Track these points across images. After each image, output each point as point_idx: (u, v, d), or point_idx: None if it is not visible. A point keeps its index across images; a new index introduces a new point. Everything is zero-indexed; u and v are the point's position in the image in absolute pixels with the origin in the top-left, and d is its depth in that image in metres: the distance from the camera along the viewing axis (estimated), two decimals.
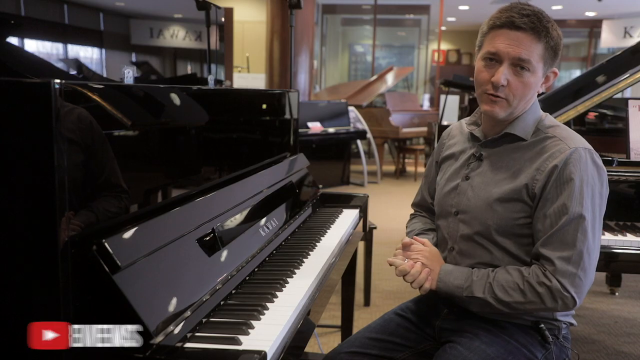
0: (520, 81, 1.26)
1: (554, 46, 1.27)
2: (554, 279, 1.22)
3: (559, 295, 1.22)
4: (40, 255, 0.87)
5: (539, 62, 1.26)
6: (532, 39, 1.23)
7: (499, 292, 1.26)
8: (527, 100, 1.31)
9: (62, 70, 1.51)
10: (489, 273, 1.29)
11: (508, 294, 1.25)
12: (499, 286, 1.26)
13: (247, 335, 1.06)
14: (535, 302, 1.24)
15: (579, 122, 3.06)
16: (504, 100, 1.27)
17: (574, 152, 1.25)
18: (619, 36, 11.15)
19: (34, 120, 0.85)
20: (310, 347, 2.47)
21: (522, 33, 1.23)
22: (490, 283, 1.27)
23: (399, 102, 8.13)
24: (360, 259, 3.01)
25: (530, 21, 1.22)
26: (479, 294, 1.28)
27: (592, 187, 1.25)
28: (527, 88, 1.27)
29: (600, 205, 1.27)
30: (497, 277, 1.27)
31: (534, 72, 1.26)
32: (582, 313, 3.05)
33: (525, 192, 1.28)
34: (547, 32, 1.24)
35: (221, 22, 2.18)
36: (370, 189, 6.73)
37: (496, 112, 1.29)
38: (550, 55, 1.27)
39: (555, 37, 1.26)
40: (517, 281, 1.25)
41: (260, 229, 1.53)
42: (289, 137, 2.22)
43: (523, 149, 1.32)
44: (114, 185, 1.05)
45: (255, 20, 8.96)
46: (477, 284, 1.28)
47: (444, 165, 1.49)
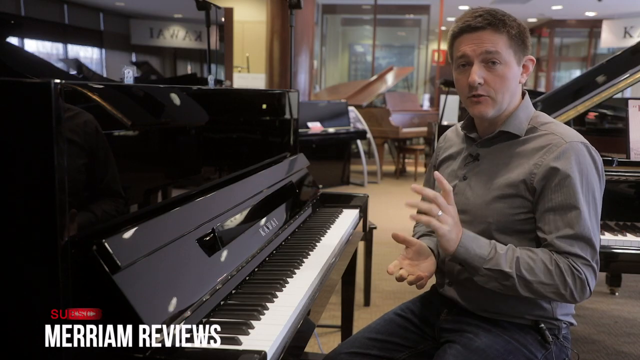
0: (496, 75, 1.28)
1: (517, 34, 1.28)
2: (583, 273, 1.22)
3: (583, 287, 1.23)
4: (40, 255, 0.87)
5: (507, 52, 1.27)
6: (492, 32, 1.26)
7: (524, 270, 1.21)
8: (513, 94, 1.32)
9: (62, 70, 1.51)
10: (512, 247, 1.25)
11: (534, 273, 1.21)
12: (524, 263, 1.22)
13: (247, 335, 1.05)
14: (559, 287, 1.21)
15: (579, 122, 3.06)
16: (487, 97, 1.29)
17: (571, 146, 1.26)
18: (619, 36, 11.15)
19: (34, 120, 0.85)
20: (310, 347, 2.47)
21: (481, 31, 1.27)
22: (517, 258, 1.22)
23: (399, 102, 8.13)
24: (360, 259, 3.01)
25: (484, 19, 1.26)
26: (506, 267, 1.21)
27: (591, 180, 1.26)
28: (504, 80, 1.28)
29: (600, 198, 1.29)
30: (522, 254, 1.23)
31: (506, 63, 1.27)
32: (582, 313, 3.05)
33: (524, 186, 1.28)
34: (504, 23, 1.26)
35: (221, 22, 2.18)
36: (370, 189, 6.73)
37: (484, 112, 1.30)
38: (518, 43, 1.29)
39: (514, 26, 1.28)
40: (546, 262, 1.21)
41: (260, 229, 1.53)
42: (289, 137, 2.22)
43: (518, 145, 1.33)
44: (113, 191, 1.06)
45: (255, 20, 8.96)
46: (503, 258, 1.22)
47: (442, 168, 1.50)
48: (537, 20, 12.44)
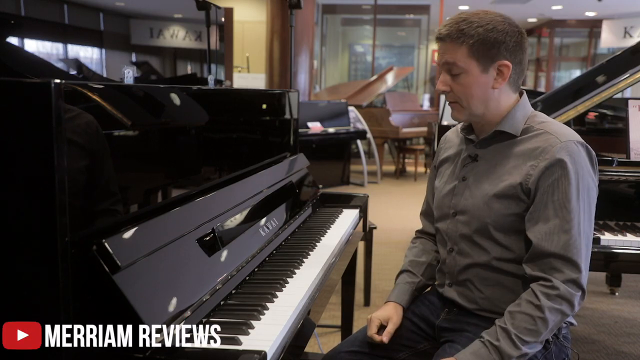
0: (458, 83, 1.31)
1: (479, 41, 1.27)
2: (562, 286, 1.22)
3: (572, 297, 1.22)
4: (40, 255, 0.87)
5: (467, 62, 1.28)
6: (453, 44, 1.29)
7: (527, 337, 1.21)
8: (485, 100, 1.32)
9: (62, 70, 1.51)
10: (500, 327, 1.23)
11: (536, 332, 1.21)
12: (521, 331, 1.21)
13: (247, 335, 1.06)
14: (558, 318, 1.23)
15: (579, 122, 3.06)
16: (456, 104, 1.34)
17: (566, 145, 1.26)
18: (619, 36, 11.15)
19: (34, 120, 0.85)
20: (310, 347, 2.47)
21: (444, 42, 1.31)
22: (514, 334, 1.21)
23: (399, 102, 8.13)
24: (360, 259, 3.01)
25: (447, 30, 1.29)
26: (514, 351, 1.20)
27: (586, 180, 1.26)
28: (467, 89, 1.30)
29: (594, 197, 1.29)
30: (513, 324, 1.22)
31: (467, 72, 1.29)
32: (582, 313, 3.05)
33: (520, 188, 1.29)
34: (463, 34, 1.27)
35: (221, 22, 2.18)
36: (370, 189, 6.72)
37: (456, 116, 1.37)
38: (482, 51, 1.28)
39: (475, 34, 1.27)
40: (532, 313, 1.22)
41: (260, 229, 1.53)
42: (289, 137, 2.22)
43: (515, 146, 1.33)
44: (113, 191, 1.06)
45: (255, 20, 8.96)
46: (503, 345, 1.20)
47: (442, 169, 1.51)
48: (537, 20, 12.44)
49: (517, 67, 1.31)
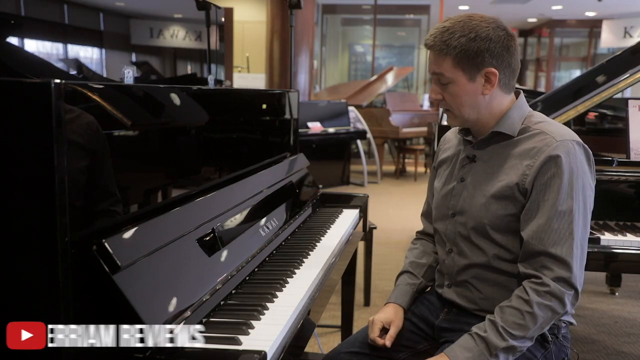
0: (447, 92, 1.32)
1: (462, 52, 1.27)
2: (552, 283, 1.22)
3: (562, 295, 1.22)
4: (40, 255, 0.87)
5: (454, 72, 1.29)
6: (438, 54, 1.30)
7: (515, 331, 1.22)
8: (476, 107, 1.32)
9: (62, 70, 1.51)
10: (490, 319, 1.25)
11: (524, 327, 1.22)
12: (510, 324, 1.22)
13: (247, 335, 1.06)
14: (548, 315, 1.23)
15: (579, 122, 3.06)
16: (449, 111, 1.36)
17: (562, 145, 1.26)
18: (619, 36, 11.15)
19: (34, 120, 0.85)
20: (310, 347, 2.47)
21: (432, 51, 1.32)
22: (502, 327, 1.22)
23: (399, 102, 8.13)
24: (360, 259, 3.01)
25: (432, 41, 1.30)
26: (501, 342, 1.21)
27: (582, 179, 1.26)
28: (456, 97, 1.31)
29: (590, 197, 1.29)
30: (502, 317, 1.23)
31: (455, 81, 1.30)
32: (582, 313, 3.05)
33: (517, 189, 1.29)
34: (447, 45, 1.27)
35: (221, 22, 2.18)
36: (370, 189, 6.73)
37: (451, 123, 1.39)
38: (467, 60, 1.27)
39: (458, 45, 1.26)
40: (520, 308, 1.22)
41: (260, 229, 1.53)
42: (289, 137, 2.22)
43: (512, 146, 1.33)
44: (113, 191, 1.06)
45: (255, 20, 8.96)
46: (490, 336, 1.22)
47: (440, 169, 1.51)
48: (537, 20, 12.44)
49: (505, 70, 1.30)
